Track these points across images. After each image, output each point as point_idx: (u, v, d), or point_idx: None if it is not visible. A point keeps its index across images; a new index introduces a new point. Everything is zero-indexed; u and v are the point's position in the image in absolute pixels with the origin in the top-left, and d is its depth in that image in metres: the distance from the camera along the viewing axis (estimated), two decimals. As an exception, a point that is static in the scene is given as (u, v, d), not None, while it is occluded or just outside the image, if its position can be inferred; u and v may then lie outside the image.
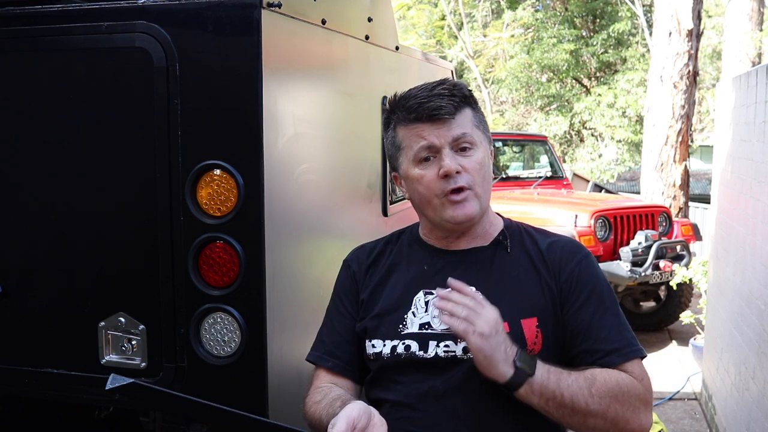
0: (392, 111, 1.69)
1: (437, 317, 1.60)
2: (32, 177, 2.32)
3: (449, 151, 1.61)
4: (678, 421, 5.08)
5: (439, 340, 1.60)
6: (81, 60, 2.23)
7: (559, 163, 8.85)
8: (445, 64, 4.81)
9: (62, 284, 2.32)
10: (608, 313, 1.61)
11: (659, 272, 6.46)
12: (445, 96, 1.61)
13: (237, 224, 2.13)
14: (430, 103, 1.61)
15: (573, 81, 19.04)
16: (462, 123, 1.63)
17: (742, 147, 4.23)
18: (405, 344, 1.62)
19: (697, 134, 16.50)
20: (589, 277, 1.64)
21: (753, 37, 11.88)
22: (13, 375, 2.37)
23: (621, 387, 1.51)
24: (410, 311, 1.65)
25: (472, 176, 1.62)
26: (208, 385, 2.22)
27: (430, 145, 1.62)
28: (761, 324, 3.54)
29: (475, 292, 1.54)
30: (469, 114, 1.66)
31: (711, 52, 19.57)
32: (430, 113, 1.61)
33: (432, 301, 1.61)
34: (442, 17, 19.70)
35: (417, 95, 1.64)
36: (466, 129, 1.63)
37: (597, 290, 1.63)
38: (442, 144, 1.61)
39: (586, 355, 1.59)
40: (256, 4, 2.09)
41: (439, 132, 1.61)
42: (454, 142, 1.61)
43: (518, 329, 1.58)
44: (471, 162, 1.62)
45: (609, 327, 1.59)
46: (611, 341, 1.58)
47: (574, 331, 1.60)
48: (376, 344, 1.65)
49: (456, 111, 1.62)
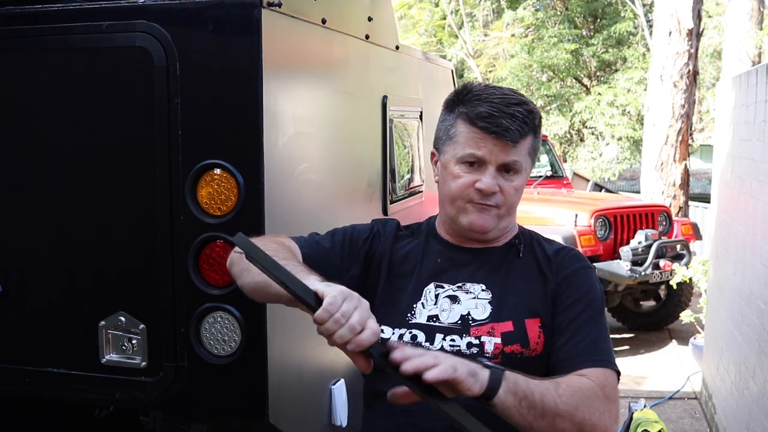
0: (460, 101, 1.66)
1: (445, 311, 1.63)
2: (32, 177, 2.32)
3: (494, 171, 1.60)
4: (678, 421, 5.08)
5: (446, 334, 1.62)
6: (81, 59, 2.23)
7: (559, 162, 8.86)
8: (445, 64, 4.81)
9: (62, 283, 2.32)
10: (591, 322, 1.61)
11: (659, 271, 6.47)
12: (517, 119, 1.59)
13: (237, 224, 2.13)
14: (501, 121, 1.58)
15: (573, 80, 19.04)
16: (519, 150, 1.62)
17: (742, 146, 4.23)
18: (412, 333, 1.63)
19: (697, 134, 16.49)
20: (582, 285, 1.65)
21: (753, 36, 11.88)
22: (13, 374, 2.37)
23: (583, 390, 1.48)
24: (420, 302, 1.66)
25: (504, 198, 1.63)
26: (209, 384, 2.22)
27: (481, 157, 1.61)
28: (761, 323, 3.54)
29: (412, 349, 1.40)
30: (530, 142, 1.64)
31: (711, 52, 19.56)
32: (497, 131, 1.58)
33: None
34: (443, 17, 19.70)
35: (492, 102, 1.60)
36: (520, 157, 1.62)
37: (586, 298, 1.63)
38: (492, 162, 1.60)
39: (558, 352, 1.58)
40: (257, 3, 2.09)
41: (495, 150, 1.60)
42: (503, 165, 1.61)
43: (522, 329, 1.60)
44: (509, 186, 1.63)
45: (587, 334, 1.59)
46: (584, 347, 1.57)
47: (556, 328, 1.61)
48: (385, 330, 1.65)
49: (520, 138, 1.60)
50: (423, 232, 1.79)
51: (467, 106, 1.63)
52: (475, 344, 1.60)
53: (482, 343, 1.59)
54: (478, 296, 1.65)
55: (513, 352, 1.59)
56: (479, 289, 1.65)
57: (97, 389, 2.29)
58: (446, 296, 1.66)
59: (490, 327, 1.61)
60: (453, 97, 1.69)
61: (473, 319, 1.62)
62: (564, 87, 18.65)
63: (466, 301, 1.64)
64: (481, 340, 1.60)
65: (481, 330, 1.61)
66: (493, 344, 1.59)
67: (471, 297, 1.65)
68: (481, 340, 1.60)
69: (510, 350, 1.59)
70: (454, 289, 1.66)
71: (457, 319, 1.63)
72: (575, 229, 6.41)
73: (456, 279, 1.67)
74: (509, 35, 18.53)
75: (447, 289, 1.66)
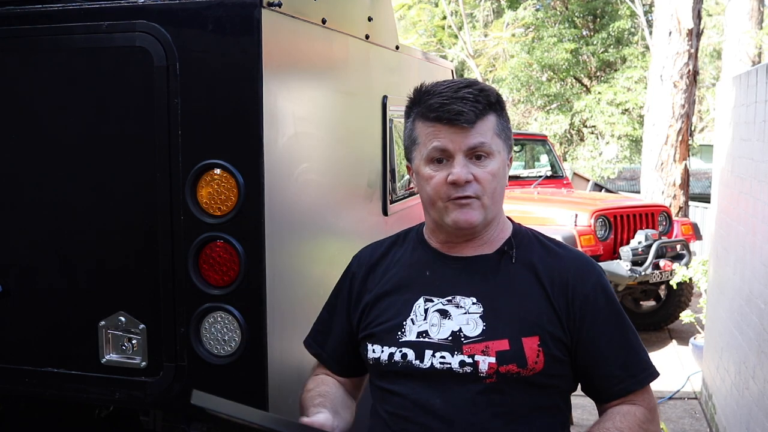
0: (414, 103, 1.63)
1: (435, 326, 1.59)
2: (33, 177, 2.32)
3: (462, 159, 1.55)
4: (678, 421, 5.08)
5: (435, 350, 1.57)
6: (81, 59, 2.23)
7: (559, 162, 8.86)
8: (445, 64, 4.81)
9: (62, 283, 2.32)
10: (623, 337, 1.61)
11: (659, 271, 6.47)
12: (469, 101, 1.54)
13: (237, 223, 2.13)
14: (452, 106, 1.54)
15: (573, 80, 19.04)
16: (482, 131, 1.56)
17: (742, 146, 4.23)
18: (402, 352, 1.60)
19: (698, 133, 16.49)
20: (604, 303, 1.62)
21: (753, 36, 11.88)
22: (13, 374, 2.37)
23: (645, 430, 1.57)
24: (410, 318, 1.62)
25: (482, 186, 1.57)
26: (209, 384, 2.21)
27: (444, 148, 1.56)
28: (761, 323, 3.54)
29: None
30: (493, 121, 1.59)
31: (711, 52, 19.56)
32: (450, 117, 1.54)
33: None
34: (443, 17, 19.70)
35: (441, 93, 1.57)
36: (485, 138, 1.56)
37: (613, 314, 1.62)
38: (456, 150, 1.55)
39: (603, 380, 1.61)
40: (257, 3, 2.09)
41: (455, 137, 1.55)
42: (469, 150, 1.56)
43: (519, 347, 1.55)
44: (483, 172, 1.56)
45: (623, 354, 1.61)
46: (628, 366, 1.60)
47: (592, 356, 1.60)
48: (375, 350, 1.64)
49: (477, 118, 1.55)
50: (411, 241, 1.74)
51: (420, 105, 1.61)
52: (469, 363, 1.55)
53: (476, 363, 1.54)
54: (468, 311, 1.59)
55: (509, 372, 1.54)
56: (470, 303, 1.59)
57: (97, 389, 2.29)
58: (435, 310, 1.61)
59: (485, 346, 1.55)
60: (408, 103, 1.67)
61: (465, 336, 1.56)
62: (564, 87, 18.65)
63: (457, 317, 1.59)
64: (475, 359, 1.54)
65: (474, 348, 1.55)
66: (488, 364, 1.54)
67: (462, 312, 1.59)
68: (474, 359, 1.54)
69: (505, 370, 1.54)
70: (444, 303, 1.61)
71: (448, 335, 1.57)
72: (575, 229, 6.41)
73: (446, 292, 1.61)
74: (509, 35, 18.54)
75: (436, 302, 1.61)
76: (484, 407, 1.53)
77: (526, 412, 1.56)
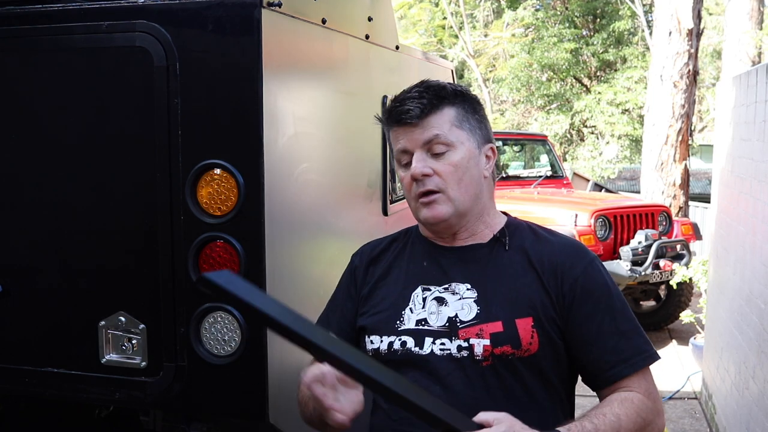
0: (384, 115, 1.71)
1: (434, 314, 1.61)
2: (33, 177, 2.32)
3: (420, 155, 1.61)
4: (678, 421, 5.08)
5: (435, 337, 1.59)
6: (81, 59, 2.23)
7: (559, 162, 8.86)
8: (445, 64, 4.81)
9: (62, 283, 2.32)
10: (616, 320, 1.60)
11: (659, 271, 6.47)
12: (414, 99, 1.61)
13: (237, 223, 2.13)
14: (401, 107, 1.61)
15: (573, 80, 19.04)
16: (436, 124, 1.60)
17: (742, 146, 4.22)
18: (401, 340, 1.62)
19: (698, 133, 16.50)
20: (595, 285, 1.62)
21: (753, 36, 11.88)
22: (13, 374, 2.37)
23: (643, 418, 1.54)
24: (408, 307, 1.64)
25: (443, 179, 1.60)
26: (209, 384, 2.22)
27: (405, 149, 1.63)
28: (761, 323, 3.54)
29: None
30: (449, 114, 1.62)
31: (711, 52, 19.56)
32: (399, 117, 1.61)
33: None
34: (444, 17, 19.71)
35: (396, 98, 1.65)
36: (440, 130, 1.60)
37: (604, 298, 1.61)
38: (413, 147, 1.61)
39: (594, 366, 1.60)
40: (257, 3, 2.09)
41: (410, 136, 1.61)
42: (425, 145, 1.61)
43: (513, 329, 1.57)
44: (443, 165, 1.61)
45: (617, 338, 1.59)
46: (617, 353, 1.58)
47: (582, 341, 1.59)
48: (374, 340, 1.66)
49: (424, 114, 1.60)
50: (410, 236, 1.78)
51: (385, 115, 1.68)
52: (465, 347, 1.56)
53: (471, 346, 1.56)
54: (463, 296, 1.61)
55: (504, 354, 1.55)
56: (464, 289, 1.62)
57: (97, 389, 2.29)
58: (433, 299, 1.63)
59: (479, 328, 1.57)
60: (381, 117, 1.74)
61: (461, 321, 1.59)
62: (564, 87, 18.66)
63: (453, 303, 1.61)
64: (470, 342, 1.56)
65: (469, 332, 1.57)
66: (482, 346, 1.56)
67: (457, 298, 1.61)
68: (470, 343, 1.56)
69: (500, 352, 1.55)
70: (441, 290, 1.63)
71: (445, 321, 1.60)
72: (575, 229, 6.41)
73: (442, 280, 1.65)
74: (509, 35, 18.55)
75: (434, 291, 1.64)
76: (482, 391, 1.54)
77: (523, 395, 1.57)
